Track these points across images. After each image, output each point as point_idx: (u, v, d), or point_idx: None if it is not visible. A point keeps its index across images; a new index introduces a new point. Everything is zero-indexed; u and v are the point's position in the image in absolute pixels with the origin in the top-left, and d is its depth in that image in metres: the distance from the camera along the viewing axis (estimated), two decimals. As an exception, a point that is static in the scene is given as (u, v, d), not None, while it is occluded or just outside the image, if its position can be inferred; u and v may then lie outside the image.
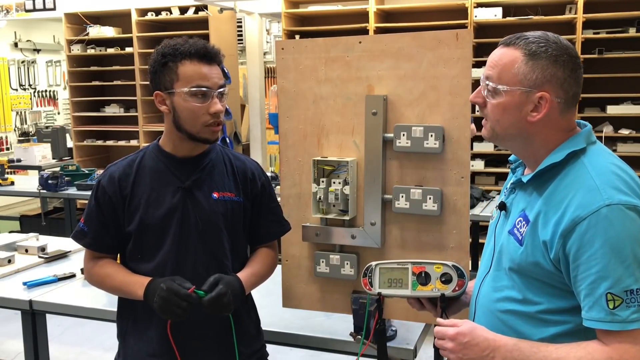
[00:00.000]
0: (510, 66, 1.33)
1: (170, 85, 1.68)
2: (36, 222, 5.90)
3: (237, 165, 1.85)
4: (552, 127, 1.36)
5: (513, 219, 1.42)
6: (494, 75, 1.36)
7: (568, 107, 1.35)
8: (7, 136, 8.50)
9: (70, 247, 3.09)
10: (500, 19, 5.23)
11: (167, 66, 1.67)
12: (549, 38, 1.34)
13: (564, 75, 1.32)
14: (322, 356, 2.21)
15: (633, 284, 1.20)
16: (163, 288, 1.60)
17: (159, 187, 1.75)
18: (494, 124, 1.40)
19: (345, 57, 1.95)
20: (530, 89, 1.32)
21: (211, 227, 1.76)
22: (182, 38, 1.72)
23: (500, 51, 1.37)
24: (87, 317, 2.45)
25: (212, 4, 6.19)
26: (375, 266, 1.62)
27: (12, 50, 8.59)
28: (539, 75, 1.31)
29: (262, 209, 1.88)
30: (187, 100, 1.67)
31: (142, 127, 6.69)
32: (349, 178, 1.95)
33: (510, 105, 1.35)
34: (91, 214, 1.78)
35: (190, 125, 1.69)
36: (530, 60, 1.32)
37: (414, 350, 2.01)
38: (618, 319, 1.20)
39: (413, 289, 1.56)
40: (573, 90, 1.34)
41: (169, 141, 1.77)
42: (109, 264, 1.79)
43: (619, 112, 5.16)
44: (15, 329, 3.50)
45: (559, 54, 1.31)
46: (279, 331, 2.14)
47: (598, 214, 1.23)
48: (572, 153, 1.33)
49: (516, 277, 1.38)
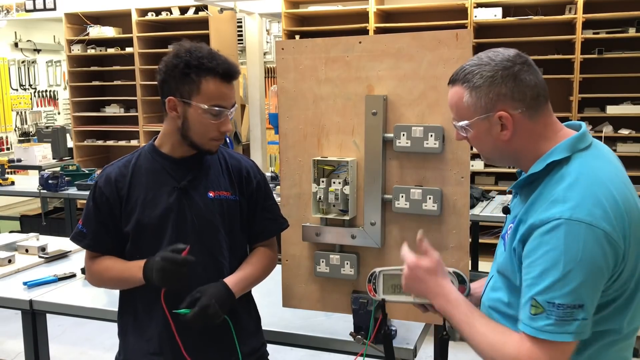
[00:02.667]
0: (460, 103, 1.38)
1: (188, 96, 1.67)
2: (36, 222, 5.90)
3: (232, 164, 1.85)
4: (530, 136, 1.36)
5: (508, 224, 1.45)
6: (455, 116, 1.42)
7: (535, 111, 1.34)
8: (7, 136, 8.50)
9: (70, 247, 3.09)
10: (500, 19, 5.23)
11: (189, 77, 1.66)
12: (482, 61, 1.36)
13: (507, 89, 1.32)
14: (322, 356, 2.21)
15: (558, 299, 1.21)
16: (158, 260, 1.63)
17: (155, 188, 1.75)
18: (480, 152, 1.45)
19: (345, 57, 1.95)
20: (486, 114, 1.35)
21: (208, 226, 1.76)
22: (203, 48, 1.69)
23: (450, 93, 1.42)
24: (87, 317, 2.46)
25: (212, 4, 6.19)
26: (379, 273, 1.63)
27: (12, 50, 8.59)
28: (485, 100, 1.34)
29: (258, 207, 1.88)
30: (202, 115, 1.67)
31: (142, 127, 6.69)
32: (349, 178, 1.95)
33: (480, 135, 1.38)
34: (89, 215, 1.79)
35: (198, 137, 1.71)
36: (472, 90, 1.35)
37: (414, 350, 2.01)
38: (534, 325, 1.23)
39: (415, 296, 1.56)
40: (528, 94, 1.33)
41: (167, 142, 1.78)
42: (106, 259, 1.80)
43: (619, 112, 5.16)
44: (16, 329, 3.51)
45: (493, 74, 1.33)
46: (279, 331, 2.14)
47: (552, 225, 1.23)
48: (553, 163, 1.32)
49: (503, 280, 1.42)
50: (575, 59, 5.10)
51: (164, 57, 1.72)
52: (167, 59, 1.70)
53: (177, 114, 1.70)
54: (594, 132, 5.21)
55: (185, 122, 1.69)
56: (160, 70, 1.71)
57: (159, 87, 1.73)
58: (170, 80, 1.68)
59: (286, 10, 5.84)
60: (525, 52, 1.42)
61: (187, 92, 1.66)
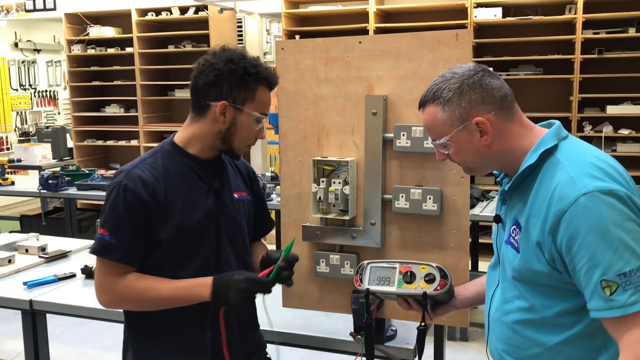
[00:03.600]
0: (435, 120, 1.40)
1: (241, 102, 1.66)
2: (36, 222, 5.88)
3: (238, 165, 1.87)
4: (508, 137, 1.39)
5: (508, 229, 1.44)
6: (433, 135, 1.44)
7: (508, 110, 1.39)
8: (7, 136, 8.50)
9: (70, 247, 3.10)
10: (500, 19, 5.23)
11: (247, 84, 1.65)
12: (445, 77, 1.40)
13: (477, 95, 1.36)
14: (322, 356, 2.21)
15: (624, 267, 1.20)
16: (242, 280, 1.61)
17: (191, 191, 1.69)
18: (464, 164, 1.47)
19: (345, 57, 1.95)
20: (462, 124, 1.37)
21: (238, 227, 1.77)
22: (248, 54, 1.69)
23: (423, 116, 1.45)
24: (87, 317, 2.46)
25: (212, 4, 6.19)
26: (367, 265, 1.69)
27: (12, 51, 8.59)
28: (460, 111, 1.37)
29: (259, 207, 1.91)
30: (251, 123, 1.68)
31: (142, 127, 6.69)
32: (349, 178, 1.95)
33: (461, 147, 1.40)
34: (119, 224, 1.60)
35: (238, 142, 1.71)
36: (444, 104, 1.38)
37: (414, 350, 2.01)
38: (616, 304, 1.20)
39: (398, 287, 1.63)
40: (497, 95, 1.37)
41: (196, 144, 1.71)
42: (142, 278, 1.64)
43: (619, 112, 5.16)
44: (16, 329, 3.50)
45: (460, 85, 1.37)
46: (279, 331, 2.14)
47: (577, 204, 1.24)
48: (545, 153, 1.36)
49: (520, 286, 1.40)
50: (575, 59, 5.11)
51: (206, 58, 1.67)
52: (217, 63, 1.64)
53: (224, 118, 1.66)
54: (594, 132, 5.21)
55: (232, 127, 1.67)
56: (206, 72, 1.65)
57: (200, 89, 1.67)
58: (224, 84, 1.64)
59: (286, 10, 5.84)
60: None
61: (242, 99, 1.65)
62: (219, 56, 1.66)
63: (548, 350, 1.37)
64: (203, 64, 1.67)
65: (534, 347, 1.39)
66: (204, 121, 1.69)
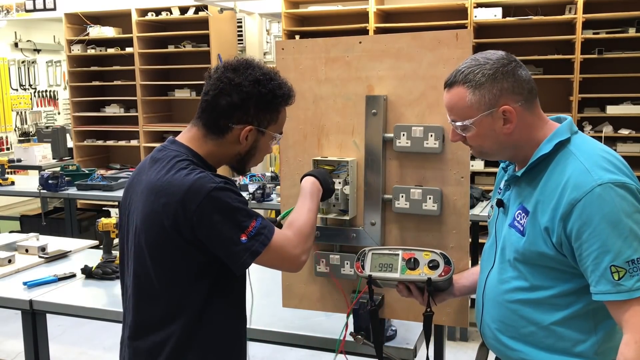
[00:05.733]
0: (462, 102, 1.44)
1: (265, 125, 1.61)
2: (36, 222, 5.88)
3: None
4: (528, 127, 1.45)
5: (512, 213, 1.49)
6: (455, 117, 1.47)
7: (532, 102, 1.45)
8: (7, 136, 8.50)
9: (70, 247, 3.10)
10: (500, 19, 5.22)
11: (274, 107, 1.60)
12: (479, 61, 1.43)
13: (509, 84, 1.41)
14: (322, 356, 2.21)
15: (633, 254, 1.28)
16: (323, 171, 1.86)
17: None
18: (478, 148, 1.50)
19: (345, 57, 1.95)
20: (490, 110, 1.41)
21: None
22: (271, 70, 1.62)
23: (448, 96, 1.47)
24: (87, 317, 2.46)
25: (212, 4, 6.19)
26: (369, 251, 1.71)
27: (12, 51, 8.59)
28: (490, 97, 1.41)
29: None
30: (269, 142, 1.66)
31: (142, 127, 6.68)
32: (349, 178, 1.95)
33: (483, 131, 1.44)
34: (248, 209, 1.55)
35: (253, 162, 1.69)
36: (476, 88, 1.41)
37: (414, 350, 2.01)
38: (623, 289, 1.28)
39: (402, 273, 1.64)
40: (526, 87, 1.43)
41: (211, 160, 1.64)
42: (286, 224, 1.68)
43: (619, 112, 5.16)
44: (16, 329, 3.51)
45: (493, 72, 1.41)
46: (279, 331, 2.14)
47: (592, 194, 1.31)
48: (559, 143, 1.42)
49: (522, 267, 1.46)
50: (575, 59, 5.10)
51: (226, 75, 1.55)
52: (243, 83, 1.54)
53: (246, 141, 1.61)
54: (594, 132, 5.21)
55: (253, 149, 1.64)
56: (229, 92, 1.55)
57: (222, 109, 1.56)
58: (251, 109, 1.57)
59: (286, 10, 5.83)
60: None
61: (267, 121, 1.61)
62: (243, 74, 1.56)
63: (542, 329, 1.44)
64: (224, 82, 1.55)
65: (528, 325, 1.45)
66: (222, 142, 1.61)
